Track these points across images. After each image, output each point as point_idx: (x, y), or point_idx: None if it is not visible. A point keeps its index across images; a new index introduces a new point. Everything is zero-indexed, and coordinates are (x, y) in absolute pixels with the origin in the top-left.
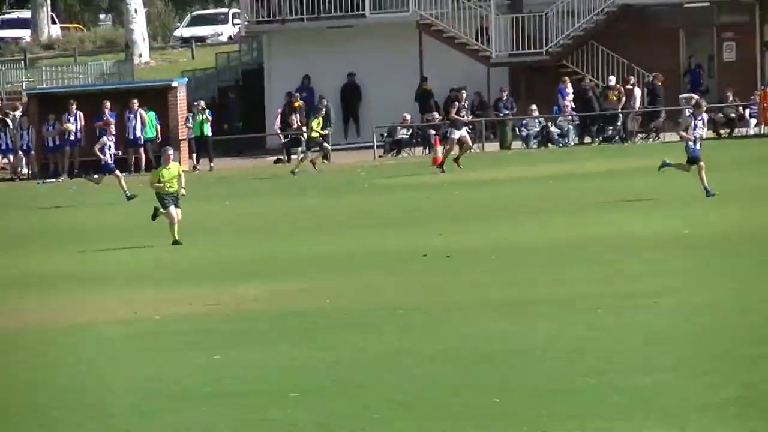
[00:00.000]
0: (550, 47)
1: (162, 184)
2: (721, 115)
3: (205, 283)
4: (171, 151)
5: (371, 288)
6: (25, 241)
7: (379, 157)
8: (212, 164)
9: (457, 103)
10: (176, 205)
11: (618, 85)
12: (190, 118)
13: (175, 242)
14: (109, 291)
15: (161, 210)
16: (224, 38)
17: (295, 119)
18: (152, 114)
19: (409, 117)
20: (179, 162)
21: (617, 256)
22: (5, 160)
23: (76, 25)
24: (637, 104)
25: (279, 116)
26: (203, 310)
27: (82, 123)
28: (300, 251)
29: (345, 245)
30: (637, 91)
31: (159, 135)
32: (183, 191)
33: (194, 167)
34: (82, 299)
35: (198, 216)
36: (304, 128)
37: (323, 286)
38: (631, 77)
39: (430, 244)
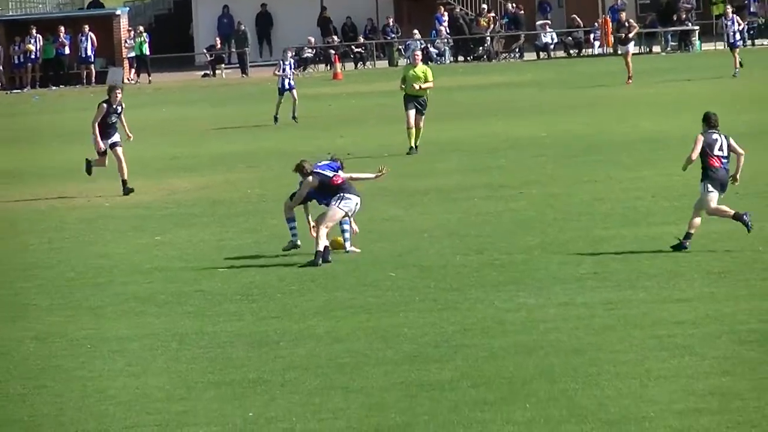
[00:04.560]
0: None
1: None
2: (570, 38)
3: (143, 178)
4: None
5: (280, 180)
6: None
7: None
8: (150, 78)
9: None
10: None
11: (489, 14)
12: (130, 41)
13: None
14: (66, 183)
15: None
16: None
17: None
18: None
19: (312, 39)
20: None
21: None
22: None
23: None
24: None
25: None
26: (145, 198)
27: (41, 44)
28: (223, 149)
29: (258, 144)
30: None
31: None
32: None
33: (135, 80)
34: (44, 189)
35: (137, 122)
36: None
37: (243, 178)
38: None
39: (334, 145)
